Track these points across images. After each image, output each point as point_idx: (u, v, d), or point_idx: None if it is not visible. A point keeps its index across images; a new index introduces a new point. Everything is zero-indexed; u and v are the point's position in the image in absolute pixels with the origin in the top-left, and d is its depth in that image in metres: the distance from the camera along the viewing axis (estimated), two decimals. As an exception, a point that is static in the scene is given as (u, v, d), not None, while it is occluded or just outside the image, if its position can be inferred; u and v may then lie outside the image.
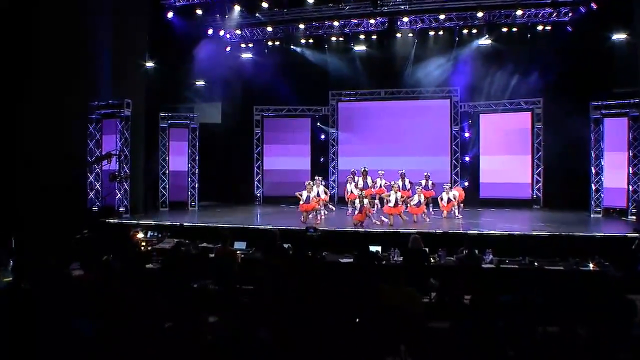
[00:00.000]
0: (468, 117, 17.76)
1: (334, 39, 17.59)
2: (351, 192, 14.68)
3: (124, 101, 14.22)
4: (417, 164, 17.06)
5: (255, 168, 19.09)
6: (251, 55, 18.18)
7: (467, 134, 17.74)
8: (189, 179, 16.87)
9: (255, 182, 19.10)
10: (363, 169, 14.69)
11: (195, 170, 16.91)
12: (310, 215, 12.48)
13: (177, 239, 10.81)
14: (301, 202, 12.63)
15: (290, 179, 17.88)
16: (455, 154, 17.83)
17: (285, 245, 9.19)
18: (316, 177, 14.00)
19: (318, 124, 18.93)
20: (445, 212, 13.97)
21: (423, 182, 14.93)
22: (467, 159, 17.74)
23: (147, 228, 12.08)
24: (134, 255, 9.64)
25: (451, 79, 17.33)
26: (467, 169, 17.74)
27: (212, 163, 17.84)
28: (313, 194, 12.67)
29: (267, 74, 17.30)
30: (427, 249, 8.92)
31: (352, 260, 8.62)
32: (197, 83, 17.63)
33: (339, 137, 18.85)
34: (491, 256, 9.04)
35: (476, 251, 8.57)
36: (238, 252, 9.47)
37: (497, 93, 16.78)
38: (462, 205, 14.33)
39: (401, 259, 9.08)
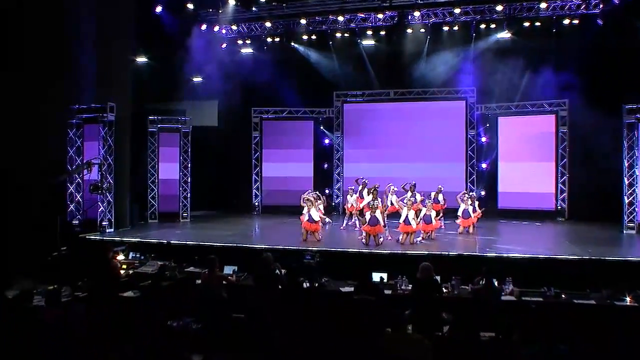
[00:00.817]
0: (485, 120, 17.37)
1: (338, 35, 17.28)
2: (351, 204, 14.33)
3: (107, 104, 13.68)
4: (429, 171, 16.89)
5: (254, 175, 18.85)
6: (251, 50, 17.85)
7: (483, 139, 17.29)
8: (181, 188, 16.57)
9: (254, 190, 18.86)
10: (363, 182, 14.15)
11: (187, 178, 16.64)
12: (309, 234, 12.07)
13: (162, 261, 10.28)
14: (303, 218, 12.04)
15: (291, 187, 17.69)
16: (471, 161, 17.38)
17: (282, 271, 8.61)
18: (309, 192, 13.28)
19: (321, 127, 18.65)
20: (461, 227, 13.33)
21: (433, 194, 14.36)
22: (483, 166, 17.29)
23: (130, 247, 11.59)
24: (111, 280, 9.12)
25: (467, 78, 16.90)
26: (483, 177, 17.31)
27: (207, 169, 17.69)
28: (315, 211, 12.06)
29: (267, 73, 16.93)
30: (438, 277, 8.29)
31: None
32: (192, 80, 17.37)
33: (344, 141, 18.52)
34: (511, 286, 8.42)
35: (494, 281, 7.95)
36: (228, 277, 8.97)
37: (518, 94, 16.40)
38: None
39: (410, 287, 8.47)
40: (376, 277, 8.97)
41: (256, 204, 18.80)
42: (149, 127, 16.37)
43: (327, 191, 18.23)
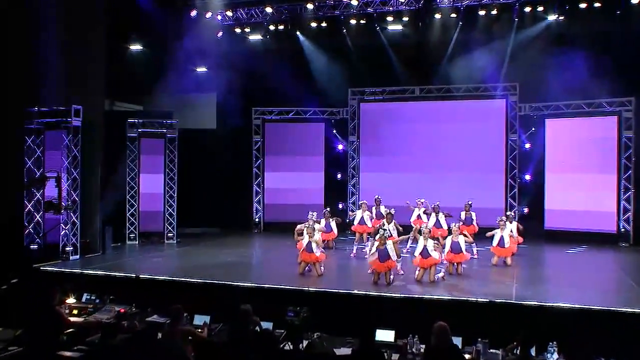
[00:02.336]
0: (529, 123, 16.58)
1: (353, 22, 16.63)
2: (358, 223, 13.77)
3: (72, 107, 12.73)
4: (461, 184, 16.21)
5: (254, 186, 18.28)
6: (252, 38, 17.35)
7: (527, 145, 16.50)
8: (166, 204, 15.79)
9: (254, 205, 18.25)
10: (376, 198, 13.71)
11: (174, 191, 15.88)
12: (307, 267, 10.99)
13: (124, 305, 9.23)
14: (301, 247, 11.08)
15: (298, 200, 17.25)
16: (512, 171, 16.51)
17: (261, 327, 7.48)
18: (310, 214, 12.56)
19: (334, 130, 18.13)
20: (496, 257, 12.14)
21: (463, 214, 13.40)
22: (527, 177, 16.49)
23: (87, 283, 10.55)
24: (51, 333, 8.06)
25: (507, 72, 16.17)
26: (527, 191, 16.50)
27: (200, 180, 17.29)
28: (316, 238, 11.06)
29: (269, 67, 16.56)
30: (459, 340, 7.09)
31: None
32: (186, 75, 16.87)
33: (361, 147, 17.96)
34: (556, 355, 7.07)
35: (532, 352, 6.61)
36: (197, 331, 7.89)
37: (571, 91, 15.31)
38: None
39: (422, 347, 7.28)
40: (382, 334, 7.83)
41: (257, 220, 18.17)
42: (128, 132, 15.47)
43: (340, 206, 17.75)
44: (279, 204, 17.97)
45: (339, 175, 18.09)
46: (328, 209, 14.42)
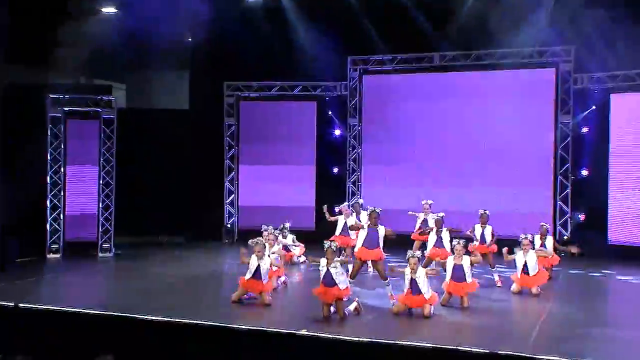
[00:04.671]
0: (589, 99, 15.18)
1: None
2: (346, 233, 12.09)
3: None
4: (493, 182, 15.28)
5: (226, 183, 16.98)
6: None
7: (585, 129, 15.13)
8: (101, 205, 14.41)
9: (226, 206, 16.91)
10: (354, 202, 12.50)
11: (112, 189, 14.43)
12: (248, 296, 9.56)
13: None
14: (246, 275, 9.37)
15: (282, 201, 16.22)
16: (564, 165, 15.07)
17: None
18: (265, 228, 11.17)
19: (329, 111, 16.92)
20: (516, 286, 10.47)
21: (478, 229, 11.73)
22: (584, 173, 15.13)
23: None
24: None
25: (558, 34, 14.75)
26: (584, 192, 15.16)
27: (153, 174, 16.10)
28: (267, 262, 9.32)
29: (246, 30, 15.65)
30: None
31: None
32: (143, 41, 15.28)
33: (364, 133, 16.78)
34: None
35: None
36: None
37: None
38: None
39: None
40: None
41: (229, 226, 16.83)
42: (50, 112, 14.00)
43: (337, 209, 16.03)
44: (257, 207, 16.72)
45: (335, 169, 17.00)
46: (287, 225, 13.21)
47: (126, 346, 7.64)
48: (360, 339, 7.34)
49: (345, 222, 11.74)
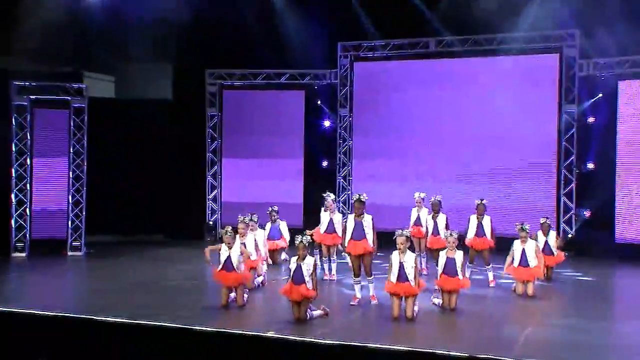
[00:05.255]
0: (595, 86, 14.85)
1: None
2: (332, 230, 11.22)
3: None
4: (492, 175, 15.13)
5: (209, 177, 16.71)
6: None
7: (591, 119, 14.83)
8: (71, 200, 14.00)
9: (208, 202, 16.65)
10: (328, 196, 11.40)
11: (83, 183, 13.96)
12: (233, 294, 9.10)
13: None
14: (217, 267, 9.16)
15: (267, 196, 15.75)
16: (568, 157, 14.75)
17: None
18: (241, 217, 10.24)
19: (318, 101, 16.70)
20: (520, 286, 9.99)
21: (474, 220, 11.10)
22: (590, 166, 14.84)
23: None
24: None
25: (561, 17, 14.41)
26: (590, 187, 14.85)
27: (128, 167, 15.91)
28: (237, 250, 9.02)
29: (230, 14, 15.39)
30: None
31: None
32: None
33: (355, 124, 16.57)
34: None
35: None
36: None
37: None
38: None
39: None
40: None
41: (211, 223, 16.52)
42: (16, 100, 13.69)
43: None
44: (241, 203, 16.11)
45: (324, 163, 16.80)
46: (275, 207, 12.72)
47: (67, 348, 7.45)
48: (329, 342, 6.96)
49: (331, 219, 10.98)
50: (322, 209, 11.24)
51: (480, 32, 15.17)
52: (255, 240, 9.97)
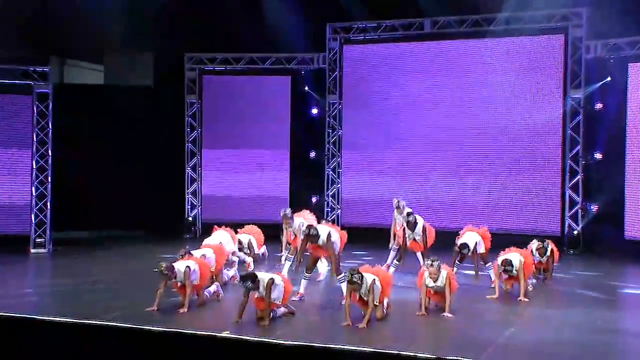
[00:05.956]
0: (603, 70, 14.39)
1: None
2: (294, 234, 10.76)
3: None
4: (491, 166, 14.81)
5: (188, 169, 16.38)
6: None
7: (598, 106, 14.42)
8: (35, 193, 13.68)
9: (188, 197, 16.32)
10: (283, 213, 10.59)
11: (47, 175, 13.66)
12: (207, 294, 8.89)
13: None
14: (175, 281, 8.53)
15: (251, 190, 16.05)
16: (574, 147, 14.39)
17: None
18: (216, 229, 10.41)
19: (306, 87, 16.42)
20: (522, 295, 9.63)
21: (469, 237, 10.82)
22: (597, 156, 14.45)
23: None
24: None
25: None
26: (598, 179, 14.55)
27: (101, 159, 15.59)
28: (181, 276, 8.54)
29: None
30: None
31: None
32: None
33: (344, 112, 16.22)
34: None
35: None
36: None
37: None
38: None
39: None
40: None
41: (190, 219, 16.25)
42: None
43: (314, 199, 16.39)
44: (223, 197, 16.35)
45: (312, 153, 16.51)
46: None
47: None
48: (289, 342, 6.76)
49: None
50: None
51: (478, 12, 14.76)
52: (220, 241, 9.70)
